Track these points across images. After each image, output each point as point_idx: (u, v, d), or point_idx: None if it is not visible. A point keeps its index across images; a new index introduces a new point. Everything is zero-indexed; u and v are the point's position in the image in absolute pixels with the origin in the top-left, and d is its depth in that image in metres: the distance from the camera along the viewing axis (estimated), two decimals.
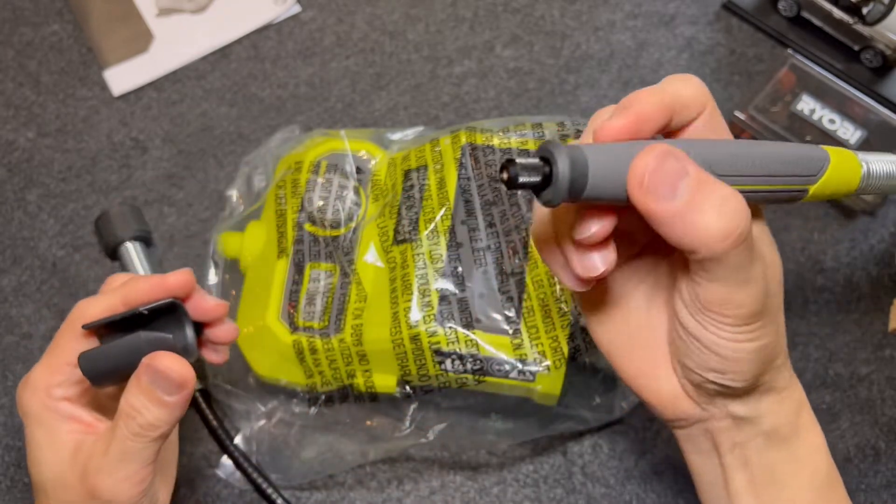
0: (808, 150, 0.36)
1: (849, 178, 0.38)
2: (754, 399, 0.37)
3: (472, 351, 0.51)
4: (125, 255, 0.62)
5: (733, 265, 0.32)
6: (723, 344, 0.34)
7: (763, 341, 0.35)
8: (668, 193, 0.30)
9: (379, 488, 0.58)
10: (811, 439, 0.39)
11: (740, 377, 0.35)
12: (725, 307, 0.33)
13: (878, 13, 0.67)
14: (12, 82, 0.71)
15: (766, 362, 0.36)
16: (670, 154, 0.31)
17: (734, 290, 0.33)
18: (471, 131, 0.57)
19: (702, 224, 0.30)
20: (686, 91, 0.34)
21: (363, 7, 0.74)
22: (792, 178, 0.36)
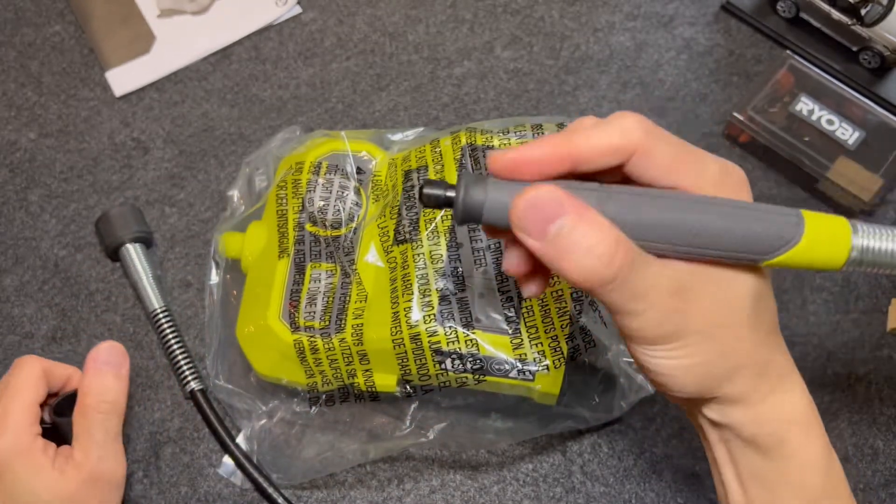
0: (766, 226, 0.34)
1: (828, 255, 0.34)
2: (723, 407, 0.38)
3: (471, 350, 0.51)
4: (126, 256, 0.63)
5: (610, 297, 0.34)
6: (651, 362, 0.36)
7: (690, 360, 0.36)
8: (539, 234, 0.33)
9: (379, 487, 0.58)
10: (802, 457, 0.38)
11: (684, 390, 0.37)
12: (625, 330, 0.36)
13: (877, 14, 0.67)
14: (14, 83, 0.71)
15: (709, 377, 0.36)
16: (550, 197, 0.33)
17: (626, 319, 0.35)
18: (471, 132, 0.57)
19: (564, 269, 0.33)
20: (597, 142, 0.35)
21: (364, 8, 0.74)
22: (735, 253, 0.34)
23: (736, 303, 0.36)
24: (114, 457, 0.52)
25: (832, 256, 0.34)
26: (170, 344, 0.60)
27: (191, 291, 0.64)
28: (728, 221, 0.34)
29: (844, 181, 0.63)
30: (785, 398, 0.38)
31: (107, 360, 0.52)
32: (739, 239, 0.34)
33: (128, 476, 0.58)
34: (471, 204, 0.34)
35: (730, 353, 0.36)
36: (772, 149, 0.65)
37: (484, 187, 0.34)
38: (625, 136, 0.35)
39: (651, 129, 0.36)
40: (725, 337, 0.36)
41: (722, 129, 0.68)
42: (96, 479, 0.50)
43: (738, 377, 0.37)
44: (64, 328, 0.63)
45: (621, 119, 0.36)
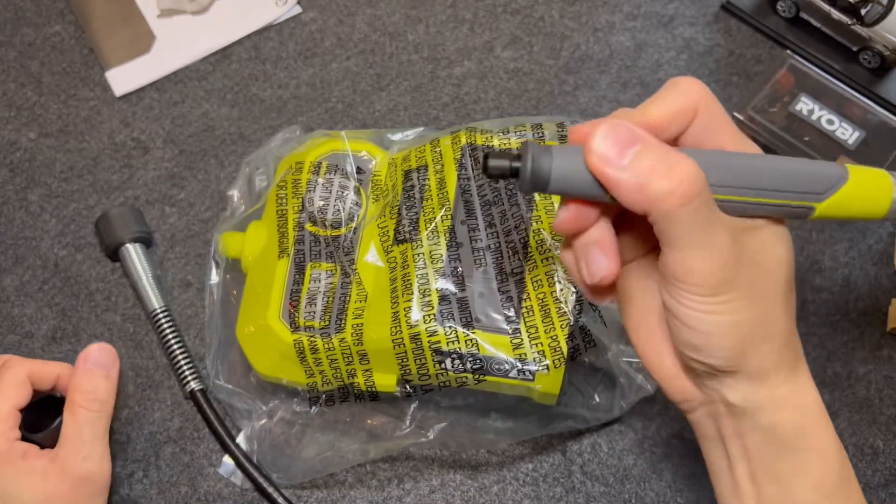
0: (815, 167, 0.36)
1: (873, 202, 0.36)
2: (745, 385, 0.37)
3: (471, 350, 0.51)
4: (125, 257, 0.63)
5: (684, 225, 0.33)
6: (693, 316, 0.35)
7: (734, 316, 0.35)
8: (618, 158, 0.33)
9: (379, 487, 0.58)
10: (820, 449, 0.38)
11: (717, 353, 0.36)
12: (686, 275, 0.35)
13: (877, 14, 0.67)
14: (14, 83, 0.71)
15: (744, 341, 0.36)
16: (621, 125, 0.34)
17: (690, 255, 0.34)
18: (471, 132, 0.57)
19: (648, 189, 0.33)
20: (669, 106, 0.36)
21: (364, 8, 0.74)
22: (790, 193, 0.35)
23: (776, 274, 0.36)
24: (99, 457, 0.52)
25: (877, 201, 0.36)
26: (170, 344, 0.60)
27: (191, 291, 0.64)
28: (783, 162, 0.35)
29: None
30: (802, 384, 0.38)
31: (97, 361, 0.53)
32: (795, 178, 0.35)
33: (128, 476, 0.59)
34: (538, 170, 0.34)
35: (766, 318, 0.36)
36: (772, 149, 0.65)
37: (549, 153, 0.34)
38: (687, 96, 0.36)
39: (710, 93, 0.37)
40: (765, 302, 0.36)
41: None
42: (81, 480, 0.51)
43: (766, 348, 0.37)
44: (64, 328, 0.63)
45: (680, 83, 0.36)
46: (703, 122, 0.36)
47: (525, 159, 0.34)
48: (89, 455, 0.51)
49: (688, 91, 0.36)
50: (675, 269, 0.35)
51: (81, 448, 0.51)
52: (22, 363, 0.53)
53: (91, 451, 0.52)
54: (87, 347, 0.54)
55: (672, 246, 0.34)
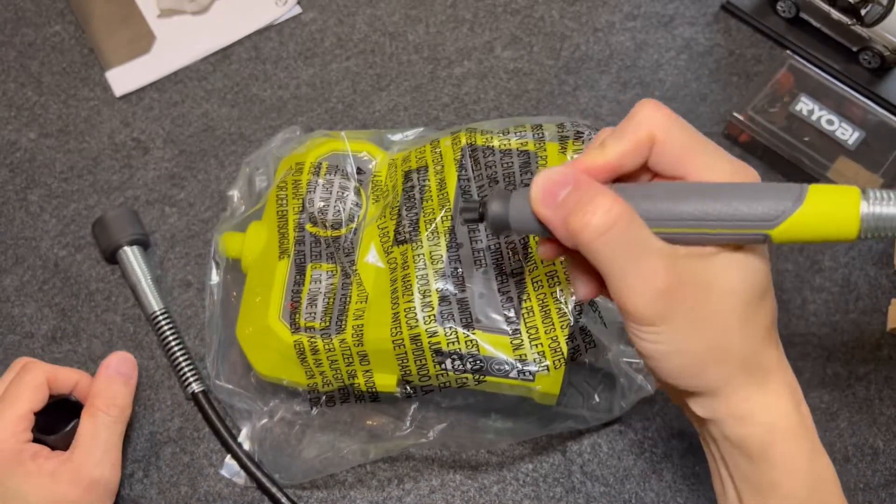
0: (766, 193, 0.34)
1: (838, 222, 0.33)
2: (706, 401, 0.38)
3: (472, 351, 0.51)
4: (123, 260, 0.63)
5: (607, 257, 0.36)
6: (637, 343, 0.37)
7: (676, 346, 0.37)
8: (549, 199, 0.37)
9: (379, 487, 0.58)
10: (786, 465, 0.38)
11: (667, 376, 0.38)
12: (621, 306, 0.37)
13: (877, 14, 0.67)
14: (14, 83, 0.71)
15: (695, 366, 0.37)
16: (557, 171, 0.37)
17: (620, 287, 0.36)
18: (471, 132, 0.57)
19: (571, 226, 0.36)
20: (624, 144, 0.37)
21: (364, 8, 0.74)
22: (738, 222, 0.35)
23: (728, 296, 0.37)
24: (112, 464, 0.53)
25: (843, 223, 0.33)
26: (170, 346, 0.60)
27: (191, 291, 0.64)
28: (729, 193, 0.35)
29: (844, 181, 0.63)
30: (770, 400, 0.38)
31: (119, 369, 0.56)
32: (742, 208, 0.34)
33: (128, 476, 0.59)
34: (496, 216, 0.40)
35: (716, 345, 0.37)
36: (772, 149, 0.65)
37: (506, 200, 0.40)
38: (642, 128, 0.37)
39: (668, 116, 0.37)
40: (716, 328, 0.37)
41: (722, 130, 0.69)
42: (92, 484, 0.51)
43: (721, 369, 0.37)
44: (64, 328, 0.63)
45: (635, 113, 0.38)
46: (663, 149, 0.37)
47: (489, 206, 0.40)
48: (103, 460, 0.52)
49: (644, 122, 0.37)
50: (615, 300, 0.37)
51: (96, 452, 0.52)
52: (41, 367, 0.54)
53: (105, 456, 0.53)
54: (109, 356, 0.56)
55: (605, 277, 0.37)
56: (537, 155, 0.55)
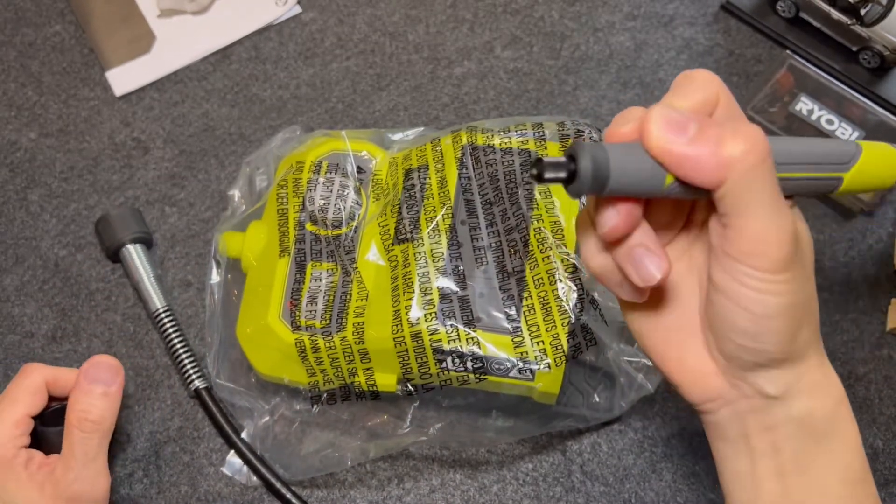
0: (835, 143, 0.38)
1: (885, 172, 0.39)
2: (786, 373, 0.36)
3: (472, 349, 0.51)
4: (126, 258, 0.63)
5: (761, 188, 0.32)
6: (754, 298, 0.34)
7: (792, 297, 0.34)
8: (680, 135, 0.32)
9: (379, 486, 0.58)
10: (848, 435, 0.37)
11: (772, 338, 0.35)
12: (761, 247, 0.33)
13: (876, 14, 0.67)
14: (14, 83, 0.71)
15: (795, 323, 0.35)
16: (668, 110, 0.33)
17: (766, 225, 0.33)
18: (471, 131, 0.57)
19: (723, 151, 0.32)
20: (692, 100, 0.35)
21: (364, 8, 0.74)
22: (822, 166, 0.37)
23: (809, 252, 0.36)
24: (92, 477, 0.50)
25: (888, 171, 0.38)
26: (173, 344, 0.60)
27: (191, 291, 0.64)
28: (810, 142, 0.37)
29: None
30: (831, 369, 0.38)
31: (95, 378, 0.51)
32: (823, 153, 0.37)
33: (128, 475, 0.59)
34: (599, 170, 0.33)
35: (810, 299, 0.36)
36: None
37: (604, 150, 0.33)
38: (709, 88, 0.35)
39: (721, 81, 0.36)
40: (810, 281, 0.36)
41: None
42: (71, 498, 0.50)
43: (807, 330, 0.36)
44: (64, 328, 0.63)
45: (694, 77, 0.36)
46: (723, 114, 0.35)
47: (583, 159, 0.33)
48: (80, 476, 0.50)
49: (708, 84, 0.35)
50: (749, 243, 0.33)
51: (73, 468, 0.50)
52: (40, 370, 0.52)
53: (82, 472, 0.50)
54: (89, 361, 0.52)
55: (748, 216, 0.33)
56: (538, 154, 0.55)
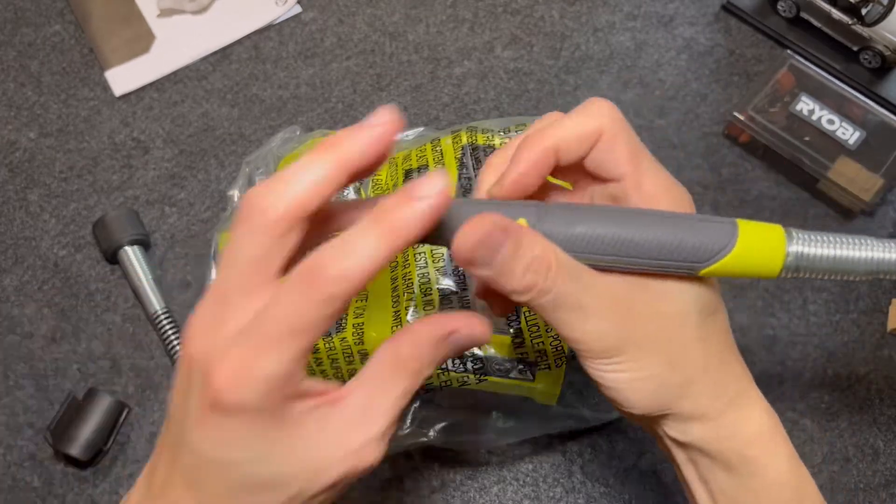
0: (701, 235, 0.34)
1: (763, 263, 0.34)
2: (681, 424, 0.37)
3: (472, 350, 0.51)
4: (124, 259, 0.63)
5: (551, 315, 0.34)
6: (596, 374, 0.36)
7: (637, 373, 0.35)
8: (486, 262, 0.33)
9: (379, 487, 0.58)
10: (769, 474, 0.38)
11: (633, 405, 0.36)
12: (572, 343, 0.35)
13: (877, 14, 0.67)
14: (14, 83, 0.71)
15: (660, 391, 0.36)
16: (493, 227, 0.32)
17: (568, 328, 0.35)
18: (472, 131, 0.57)
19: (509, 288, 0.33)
20: (574, 130, 0.36)
21: (364, 8, 0.74)
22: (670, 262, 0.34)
23: (682, 316, 0.36)
24: None
25: (768, 263, 0.34)
26: (173, 345, 0.60)
27: (190, 291, 0.64)
28: (662, 231, 0.34)
29: (845, 181, 0.63)
30: (744, 414, 0.38)
31: None
32: (674, 248, 0.34)
33: (127, 476, 0.58)
34: None
35: (679, 366, 0.36)
36: (772, 149, 0.65)
37: None
38: (595, 119, 0.36)
39: (619, 117, 0.37)
40: (672, 350, 0.36)
41: (722, 129, 0.68)
42: None
43: (691, 391, 0.36)
44: (63, 328, 0.63)
45: (592, 103, 0.37)
46: (609, 146, 0.36)
47: None
48: None
49: (595, 115, 0.36)
50: (565, 340, 0.35)
51: None
52: None
53: None
54: None
55: (551, 324, 0.35)
56: None
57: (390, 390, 0.33)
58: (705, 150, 0.68)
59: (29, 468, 0.58)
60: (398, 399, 0.33)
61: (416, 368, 0.33)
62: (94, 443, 0.57)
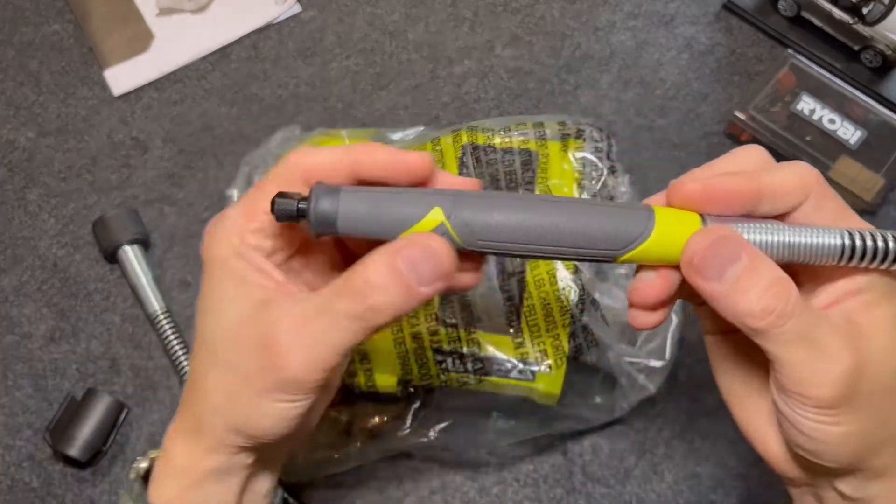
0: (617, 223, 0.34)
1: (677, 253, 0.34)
2: (860, 481, 0.35)
3: (473, 350, 0.51)
4: (124, 259, 0.63)
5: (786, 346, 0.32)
6: (809, 426, 0.33)
7: (855, 427, 0.33)
8: (716, 275, 0.32)
9: (379, 488, 0.58)
10: None
11: (834, 459, 0.34)
12: (798, 389, 0.33)
13: (878, 13, 0.67)
14: (13, 82, 0.71)
15: (863, 447, 0.34)
16: (726, 239, 0.32)
17: (798, 371, 0.32)
18: (472, 131, 0.57)
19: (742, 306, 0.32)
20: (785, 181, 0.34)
21: (363, 7, 0.74)
22: (590, 250, 0.34)
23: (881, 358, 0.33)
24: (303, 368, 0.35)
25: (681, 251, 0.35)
26: (172, 345, 0.60)
27: (190, 291, 0.63)
28: (580, 218, 0.34)
29: (846, 181, 0.63)
30: None
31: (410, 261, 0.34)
32: (592, 235, 0.34)
33: (127, 476, 0.58)
34: (324, 215, 0.34)
35: (888, 420, 0.34)
36: (773, 148, 0.65)
37: (336, 196, 0.34)
38: (804, 179, 0.34)
39: (822, 179, 0.35)
40: (885, 401, 0.34)
41: (723, 129, 0.68)
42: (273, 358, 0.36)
43: (888, 449, 0.34)
44: (63, 328, 0.63)
45: (796, 165, 0.35)
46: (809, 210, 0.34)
47: (310, 202, 0.34)
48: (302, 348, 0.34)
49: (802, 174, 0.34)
50: (790, 382, 0.33)
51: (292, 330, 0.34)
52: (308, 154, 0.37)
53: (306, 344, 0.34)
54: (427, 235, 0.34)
55: (778, 364, 0.33)
56: (538, 153, 0.55)
57: None
58: (706, 150, 0.68)
59: (28, 468, 0.58)
60: None
61: None
62: (93, 443, 0.57)
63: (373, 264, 0.34)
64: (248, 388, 0.35)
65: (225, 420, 0.36)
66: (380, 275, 0.33)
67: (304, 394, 0.35)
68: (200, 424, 0.37)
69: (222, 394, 0.36)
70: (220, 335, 0.36)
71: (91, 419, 0.57)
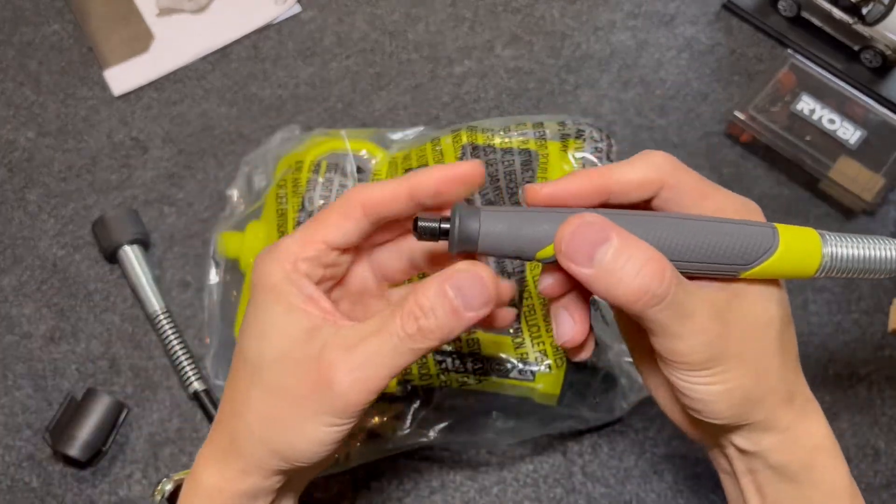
0: (745, 239, 0.35)
1: (802, 265, 0.36)
2: (753, 434, 0.38)
3: (473, 350, 0.51)
4: (124, 258, 0.63)
5: (659, 321, 0.34)
6: (687, 387, 0.36)
7: (728, 385, 0.36)
8: (586, 261, 0.34)
9: (379, 488, 0.58)
10: (826, 482, 0.38)
11: (717, 416, 0.37)
12: (671, 356, 0.35)
13: (878, 13, 0.67)
14: (13, 82, 0.71)
15: (743, 402, 0.36)
16: (590, 224, 0.34)
17: (670, 341, 0.35)
18: (472, 131, 0.57)
19: (615, 291, 0.33)
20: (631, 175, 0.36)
21: (363, 7, 0.74)
22: (718, 265, 0.35)
23: (767, 327, 0.36)
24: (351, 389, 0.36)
25: (806, 265, 0.36)
26: (172, 346, 0.60)
27: (189, 291, 0.63)
28: (710, 235, 0.35)
29: (846, 181, 0.63)
30: (810, 424, 0.38)
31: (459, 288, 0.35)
32: (722, 251, 0.35)
33: (126, 476, 0.58)
34: (466, 233, 0.35)
35: (762, 377, 0.36)
36: (773, 148, 0.65)
37: (477, 216, 0.35)
38: (656, 170, 0.36)
39: (678, 165, 0.37)
40: (758, 361, 0.36)
41: (723, 129, 0.68)
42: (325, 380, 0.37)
43: (768, 402, 0.37)
44: (62, 328, 0.63)
45: (650, 155, 0.37)
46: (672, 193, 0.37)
47: (453, 222, 0.35)
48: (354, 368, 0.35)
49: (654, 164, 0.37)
50: (661, 352, 0.36)
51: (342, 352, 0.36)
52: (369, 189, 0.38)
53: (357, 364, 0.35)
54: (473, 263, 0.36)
55: (651, 334, 0.35)
56: (538, 153, 0.55)
57: None
58: (706, 150, 0.68)
59: (27, 468, 0.58)
60: None
61: None
62: (92, 443, 0.57)
63: (423, 289, 0.35)
64: (295, 410, 0.36)
65: (266, 442, 0.36)
66: (430, 298, 0.35)
67: (349, 417, 0.36)
68: (237, 446, 0.37)
69: (265, 416, 0.36)
70: (268, 357, 0.37)
71: (91, 419, 0.57)
